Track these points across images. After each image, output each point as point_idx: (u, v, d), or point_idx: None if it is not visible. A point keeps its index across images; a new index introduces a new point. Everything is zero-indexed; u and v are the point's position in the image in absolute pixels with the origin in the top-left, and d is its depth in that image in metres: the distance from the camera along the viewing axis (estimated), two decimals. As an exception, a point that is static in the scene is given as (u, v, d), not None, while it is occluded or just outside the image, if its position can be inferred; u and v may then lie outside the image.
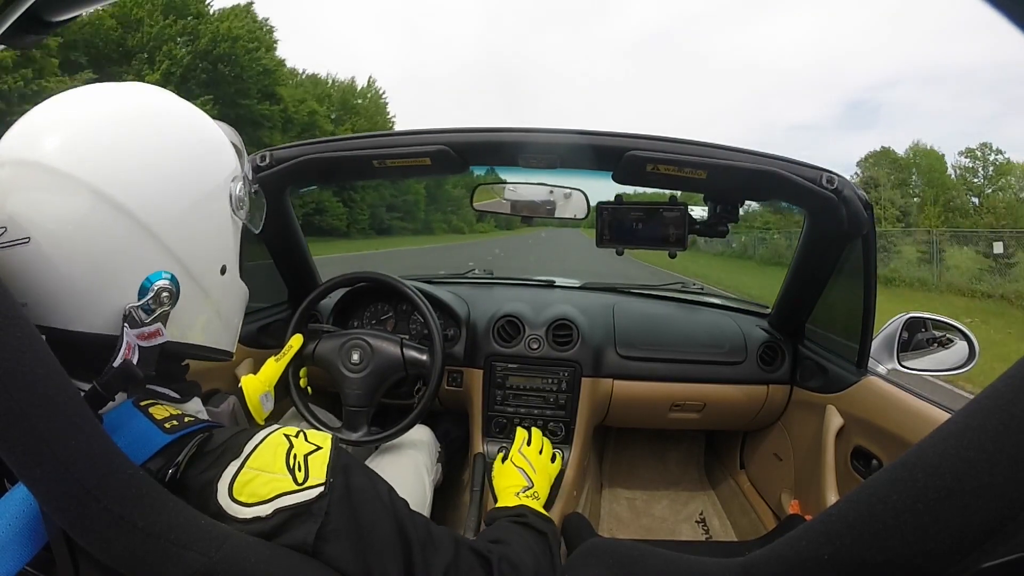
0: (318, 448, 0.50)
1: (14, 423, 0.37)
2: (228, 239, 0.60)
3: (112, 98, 0.54)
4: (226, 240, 0.59)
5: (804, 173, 1.00)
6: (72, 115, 0.51)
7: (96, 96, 0.53)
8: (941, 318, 1.19)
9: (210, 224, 0.56)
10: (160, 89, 0.58)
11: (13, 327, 0.38)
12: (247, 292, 0.67)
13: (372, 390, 1.11)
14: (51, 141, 0.49)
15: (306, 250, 1.43)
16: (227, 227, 0.59)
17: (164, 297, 0.51)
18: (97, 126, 0.50)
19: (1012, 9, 0.30)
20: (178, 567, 0.40)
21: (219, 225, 0.58)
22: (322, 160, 1.12)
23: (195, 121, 0.58)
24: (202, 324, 0.58)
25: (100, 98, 0.53)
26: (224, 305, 0.61)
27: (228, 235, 0.60)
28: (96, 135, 0.50)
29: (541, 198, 1.27)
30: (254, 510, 0.45)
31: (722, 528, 1.62)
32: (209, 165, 0.56)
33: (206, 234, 0.56)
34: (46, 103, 0.52)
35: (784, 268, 1.42)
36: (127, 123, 0.51)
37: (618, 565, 0.44)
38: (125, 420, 0.47)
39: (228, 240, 0.60)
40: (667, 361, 1.40)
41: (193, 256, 0.54)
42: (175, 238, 0.52)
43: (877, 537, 0.28)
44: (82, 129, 0.50)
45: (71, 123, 0.50)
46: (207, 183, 0.56)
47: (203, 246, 0.56)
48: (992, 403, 0.27)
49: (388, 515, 0.51)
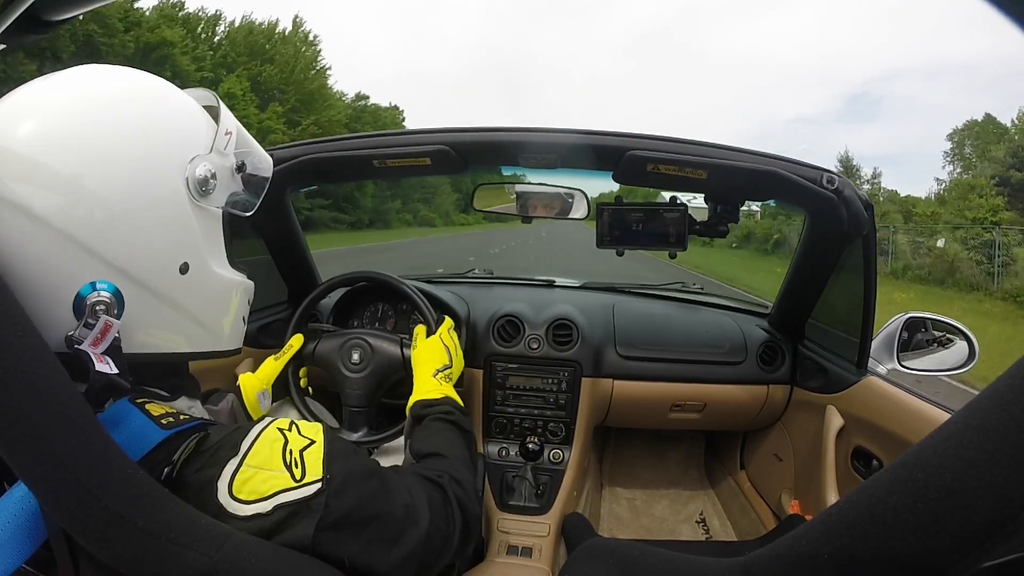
0: (312, 442, 0.51)
1: (14, 423, 0.37)
2: (187, 234, 0.52)
3: (44, 94, 0.48)
4: (184, 236, 0.52)
5: (804, 173, 1.00)
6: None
7: (27, 94, 0.48)
8: (941, 318, 1.19)
9: (158, 223, 0.49)
10: (115, 71, 0.52)
11: (13, 327, 0.39)
12: (239, 282, 0.60)
13: (372, 390, 1.11)
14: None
15: (306, 249, 1.43)
16: (185, 221, 0.52)
17: (99, 310, 0.46)
18: (12, 124, 0.45)
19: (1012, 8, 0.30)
20: (178, 566, 0.40)
21: (173, 222, 0.51)
22: (322, 160, 1.12)
23: (143, 105, 0.51)
24: (172, 330, 0.53)
25: (30, 95, 0.48)
26: (194, 305, 0.54)
27: (187, 230, 0.52)
28: (11, 140, 0.45)
29: (544, 198, 1.27)
30: (254, 507, 0.46)
31: (722, 528, 1.62)
32: (156, 157, 0.49)
33: (154, 235, 0.49)
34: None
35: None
36: (51, 125, 0.46)
37: (618, 565, 0.44)
38: (122, 416, 0.47)
39: (188, 235, 0.52)
40: (667, 361, 1.40)
41: (136, 261, 0.48)
42: (111, 246, 0.47)
43: (877, 537, 0.28)
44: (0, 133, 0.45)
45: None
46: (151, 179, 0.49)
47: (151, 248, 0.49)
48: (992, 403, 0.27)
49: (378, 497, 0.53)
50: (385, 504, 0.53)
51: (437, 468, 0.66)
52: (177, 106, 0.54)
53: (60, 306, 0.46)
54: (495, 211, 1.35)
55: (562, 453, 1.37)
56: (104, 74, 0.52)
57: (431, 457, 0.72)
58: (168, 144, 0.51)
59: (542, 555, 1.17)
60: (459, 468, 0.69)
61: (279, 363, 1.07)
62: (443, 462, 0.70)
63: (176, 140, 0.51)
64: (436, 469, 0.66)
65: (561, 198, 1.26)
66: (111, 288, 0.47)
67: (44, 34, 0.56)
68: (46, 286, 0.45)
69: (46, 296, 0.45)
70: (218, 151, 0.55)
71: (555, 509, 1.27)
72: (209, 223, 0.55)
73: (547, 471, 1.35)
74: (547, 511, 1.27)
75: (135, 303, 0.49)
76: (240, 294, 0.62)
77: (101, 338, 0.46)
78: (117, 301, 0.48)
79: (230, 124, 0.58)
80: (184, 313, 0.54)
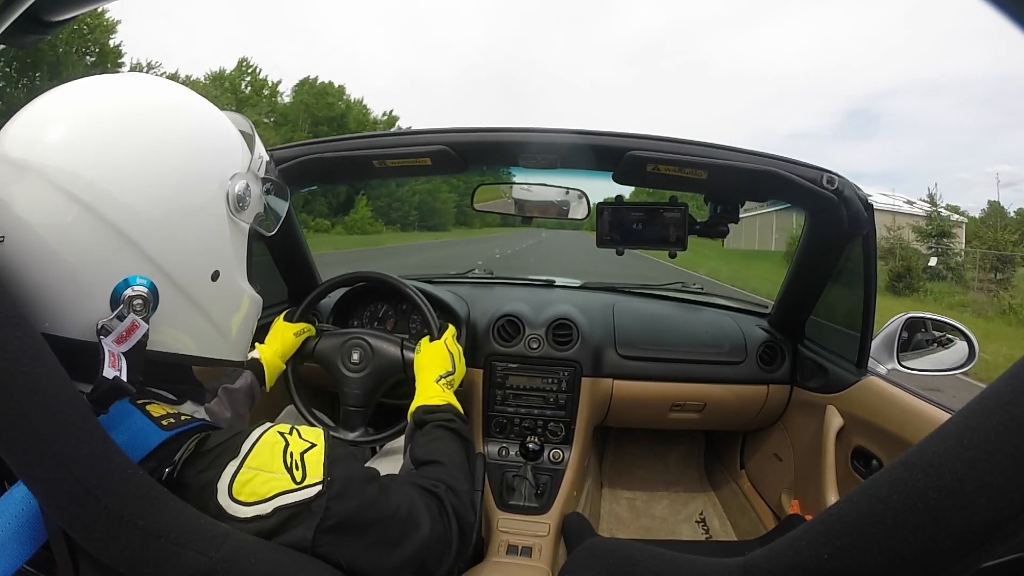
0: (313, 445, 0.52)
1: (14, 423, 0.37)
2: (222, 243, 0.55)
3: (101, 93, 0.50)
4: (219, 244, 0.55)
5: (805, 173, 1.00)
6: (55, 110, 0.48)
7: (85, 91, 0.50)
8: (941, 318, 1.19)
9: (200, 229, 0.52)
10: (162, 82, 0.55)
11: (12, 327, 0.38)
12: (256, 299, 0.63)
13: (371, 390, 1.11)
14: (23, 135, 0.47)
15: (306, 249, 1.43)
16: (221, 231, 0.55)
17: (137, 305, 0.48)
18: (75, 123, 0.47)
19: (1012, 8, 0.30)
20: (178, 566, 0.40)
21: (211, 229, 0.54)
22: (322, 160, 1.12)
23: (191, 117, 0.54)
24: (190, 333, 0.55)
25: (88, 93, 0.50)
26: (217, 313, 0.57)
27: (222, 239, 0.55)
28: (71, 132, 0.47)
29: (543, 199, 1.27)
30: (254, 509, 0.46)
31: (722, 528, 1.62)
32: (202, 166, 0.53)
33: (194, 239, 0.52)
34: (45, 96, 0.50)
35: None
36: (108, 121, 0.48)
37: (618, 565, 0.44)
38: (123, 417, 0.47)
39: (222, 244, 0.55)
40: (667, 361, 1.40)
41: (177, 262, 0.51)
42: (155, 243, 0.49)
43: (877, 537, 0.27)
44: (58, 124, 0.47)
45: (50, 117, 0.48)
46: (197, 185, 0.52)
47: (190, 251, 0.52)
48: (992, 403, 0.27)
49: (379, 502, 0.54)
50: (386, 508, 0.54)
51: (434, 477, 0.67)
52: (221, 124, 0.57)
53: (98, 295, 0.47)
54: (495, 211, 1.35)
55: (562, 453, 1.37)
56: (154, 83, 0.54)
57: (429, 465, 0.72)
58: (214, 157, 0.54)
59: (542, 555, 1.17)
60: (456, 477, 0.70)
61: (297, 341, 1.09)
62: (441, 470, 0.70)
63: (220, 155, 0.55)
64: (433, 478, 0.67)
65: (562, 198, 1.26)
66: (148, 284, 0.49)
67: (44, 34, 0.56)
68: (87, 273, 0.47)
69: (86, 283, 0.47)
70: (253, 172, 0.59)
71: (555, 509, 1.27)
72: (238, 237, 0.58)
73: (547, 471, 1.35)
74: (547, 511, 1.27)
75: (167, 302, 0.51)
76: (254, 308, 0.64)
77: (126, 337, 0.47)
78: (152, 297, 0.49)
79: (262, 151, 0.62)
80: (208, 318, 0.56)
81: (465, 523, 0.64)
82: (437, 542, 0.58)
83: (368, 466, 0.59)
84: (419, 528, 0.56)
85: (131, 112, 0.49)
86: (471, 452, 0.82)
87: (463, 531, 0.63)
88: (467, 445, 0.82)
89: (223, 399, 0.88)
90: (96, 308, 0.47)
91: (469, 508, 0.67)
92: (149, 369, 0.51)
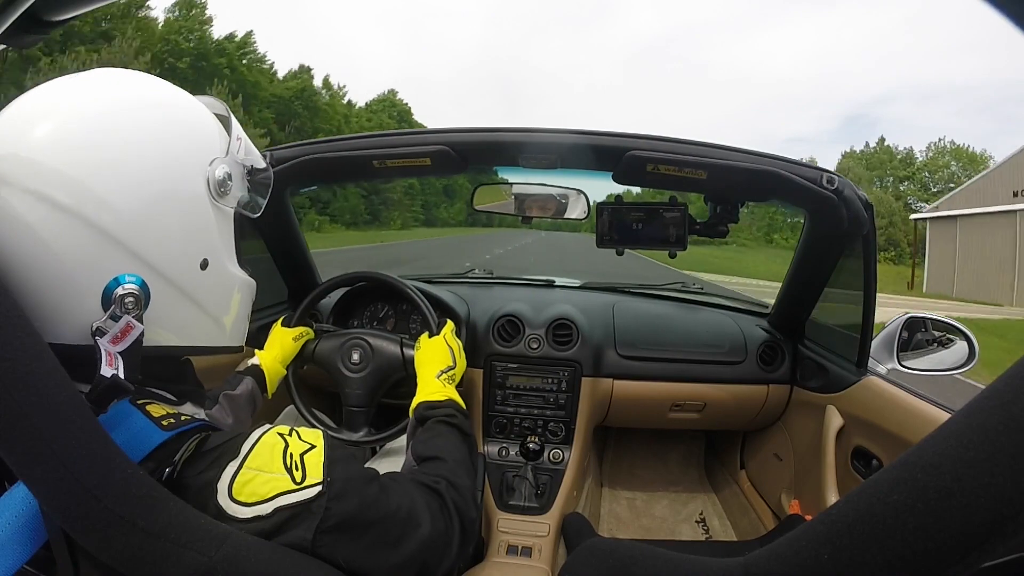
0: (312, 446, 0.52)
1: (14, 423, 0.37)
2: (208, 231, 0.55)
3: (68, 95, 0.49)
4: (205, 233, 0.55)
5: (804, 173, 1.00)
6: (28, 115, 0.47)
7: (55, 94, 0.49)
8: (941, 318, 1.19)
9: (184, 219, 0.52)
10: (127, 75, 0.54)
11: (12, 327, 0.38)
12: (248, 282, 0.63)
13: (372, 390, 1.11)
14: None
15: (306, 249, 1.43)
16: (206, 219, 0.54)
17: (129, 303, 0.48)
18: (48, 127, 0.46)
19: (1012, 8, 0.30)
20: (178, 566, 0.40)
21: (195, 218, 0.53)
22: (322, 160, 1.12)
23: (162, 108, 0.53)
24: (185, 324, 0.55)
25: (57, 95, 0.49)
26: (210, 301, 0.57)
27: (207, 227, 0.55)
28: (44, 137, 0.46)
29: (543, 199, 1.27)
30: (254, 509, 0.46)
31: (722, 528, 1.62)
32: (180, 156, 0.52)
33: (179, 230, 0.51)
34: (14, 103, 0.49)
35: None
36: (77, 120, 0.47)
37: (618, 565, 0.44)
38: (123, 417, 0.47)
39: (208, 232, 0.55)
40: (667, 361, 1.40)
41: (164, 255, 0.50)
42: (139, 239, 0.48)
43: (877, 537, 0.27)
44: (32, 130, 0.46)
45: (24, 123, 0.47)
46: (177, 176, 0.51)
47: (176, 243, 0.51)
48: (992, 403, 0.27)
49: (379, 502, 0.53)
50: (386, 508, 0.54)
51: (435, 473, 0.67)
52: (197, 111, 0.57)
53: (89, 297, 0.47)
54: (494, 211, 1.35)
55: (562, 453, 1.37)
56: (127, 78, 0.54)
57: (431, 461, 0.72)
58: (192, 145, 0.54)
59: (542, 555, 1.17)
60: (458, 472, 0.70)
61: (296, 346, 1.09)
62: (442, 466, 0.70)
63: (198, 142, 0.54)
64: (434, 475, 0.66)
65: (560, 198, 1.26)
66: (139, 281, 0.49)
67: (44, 34, 0.56)
68: (76, 277, 0.46)
69: (75, 286, 0.47)
70: (232, 156, 0.58)
71: (555, 509, 1.27)
72: (224, 223, 0.58)
73: (547, 471, 1.35)
74: (547, 511, 1.27)
75: (159, 297, 0.51)
76: (247, 292, 0.64)
77: (121, 337, 0.47)
78: (144, 294, 0.49)
79: (239, 132, 0.61)
80: (201, 308, 0.56)
81: (467, 519, 0.64)
82: (438, 540, 0.57)
83: (368, 466, 0.59)
84: (419, 527, 0.56)
85: (102, 111, 0.49)
86: (473, 446, 0.82)
87: (465, 527, 0.63)
88: (469, 440, 0.81)
89: (224, 406, 0.88)
90: (88, 310, 0.47)
91: (471, 503, 0.66)
92: (148, 368, 0.51)
